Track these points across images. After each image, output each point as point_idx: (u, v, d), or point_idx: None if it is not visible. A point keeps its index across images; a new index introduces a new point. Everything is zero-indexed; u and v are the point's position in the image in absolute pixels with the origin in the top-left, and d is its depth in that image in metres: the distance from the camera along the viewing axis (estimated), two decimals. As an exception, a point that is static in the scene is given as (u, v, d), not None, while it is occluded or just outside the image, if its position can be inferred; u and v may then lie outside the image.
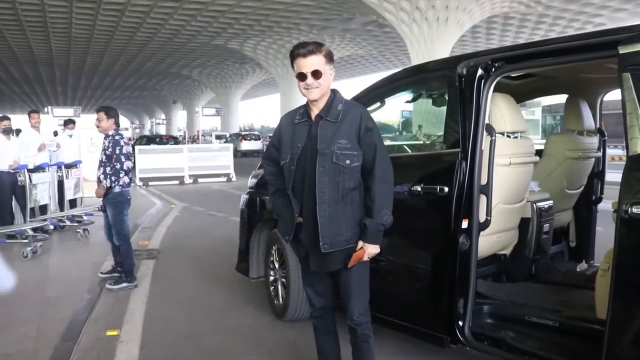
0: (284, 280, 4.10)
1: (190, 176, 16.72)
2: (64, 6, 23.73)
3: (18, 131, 11.28)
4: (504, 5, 22.73)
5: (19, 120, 24.72)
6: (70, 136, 10.19)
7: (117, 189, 5.35)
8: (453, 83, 3.11)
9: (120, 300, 4.94)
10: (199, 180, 16.59)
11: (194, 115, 52.35)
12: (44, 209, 8.64)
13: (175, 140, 35.76)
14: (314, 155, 2.63)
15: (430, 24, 21.62)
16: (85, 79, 50.20)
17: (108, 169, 5.35)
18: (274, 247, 4.25)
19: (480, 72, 3.01)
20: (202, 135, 36.38)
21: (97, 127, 5.59)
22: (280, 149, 2.80)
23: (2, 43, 31.82)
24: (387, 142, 17.60)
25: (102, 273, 5.72)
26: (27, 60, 38.64)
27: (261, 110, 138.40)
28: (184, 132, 58.72)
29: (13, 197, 8.01)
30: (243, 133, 38.55)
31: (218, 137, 36.73)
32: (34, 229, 7.54)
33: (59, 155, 9.47)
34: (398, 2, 21.27)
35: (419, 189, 3.14)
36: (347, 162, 2.60)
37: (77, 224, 8.31)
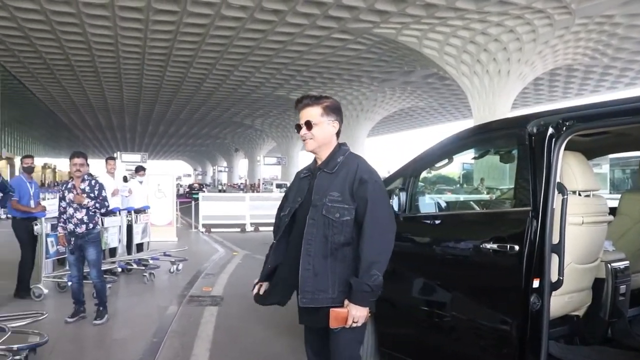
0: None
1: (251, 224, 17.01)
2: (136, 58, 25.25)
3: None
4: (567, 57, 22.46)
5: (91, 165, 26.48)
6: (141, 182, 10.63)
7: None
8: (523, 142, 3.11)
9: (185, 346, 5.03)
10: (260, 228, 16.83)
11: (255, 163, 53.57)
12: (113, 252, 8.98)
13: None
14: (308, 208, 2.57)
15: (492, 77, 21.60)
16: (153, 127, 52.55)
17: None
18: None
19: (551, 130, 2.99)
20: (262, 183, 37.08)
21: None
22: (284, 203, 2.82)
23: (80, 92, 34.00)
24: (447, 195, 17.52)
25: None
26: (101, 108, 41.01)
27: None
28: (245, 180, 59.93)
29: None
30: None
31: (279, 186, 37.34)
32: (104, 271, 7.80)
33: (130, 200, 9.88)
34: (459, 55, 21.42)
35: (488, 246, 3.11)
36: (337, 215, 2.50)
37: (143, 267, 8.56)
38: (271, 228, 2.95)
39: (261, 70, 27.74)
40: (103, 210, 5.93)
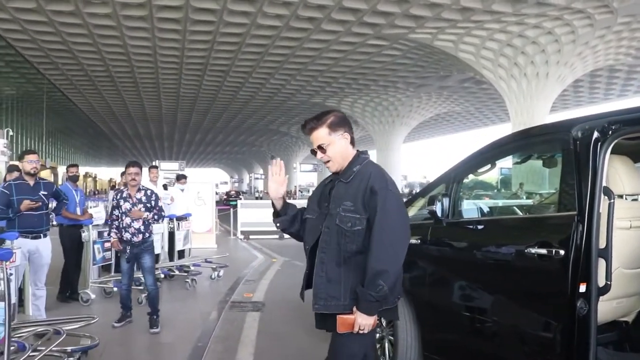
0: (391, 338, 4.11)
1: (290, 231, 17.05)
2: (174, 68, 25.75)
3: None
4: (608, 57, 21.87)
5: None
6: (182, 190, 10.86)
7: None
8: (567, 146, 3.09)
9: (228, 350, 5.13)
10: (298, 234, 16.87)
11: (291, 170, 53.81)
12: (155, 258, 9.16)
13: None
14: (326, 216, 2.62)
15: (530, 80, 21.23)
16: (190, 135, 53.42)
17: None
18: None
19: (596, 135, 2.97)
20: (299, 190, 37.29)
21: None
22: (309, 204, 2.84)
23: (119, 102, 34.87)
24: (490, 201, 17.26)
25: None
26: (140, 118, 41.93)
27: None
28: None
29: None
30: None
31: (314, 193, 37.55)
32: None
33: (171, 208, 10.08)
34: (496, 58, 21.16)
35: (532, 251, 3.10)
36: (349, 224, 2.51)
37: (185, 273, 8.72)
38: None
39: (297, 78, 27.93)
40: (160, 220, 6.13)
